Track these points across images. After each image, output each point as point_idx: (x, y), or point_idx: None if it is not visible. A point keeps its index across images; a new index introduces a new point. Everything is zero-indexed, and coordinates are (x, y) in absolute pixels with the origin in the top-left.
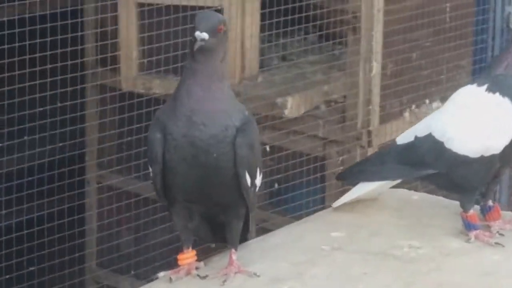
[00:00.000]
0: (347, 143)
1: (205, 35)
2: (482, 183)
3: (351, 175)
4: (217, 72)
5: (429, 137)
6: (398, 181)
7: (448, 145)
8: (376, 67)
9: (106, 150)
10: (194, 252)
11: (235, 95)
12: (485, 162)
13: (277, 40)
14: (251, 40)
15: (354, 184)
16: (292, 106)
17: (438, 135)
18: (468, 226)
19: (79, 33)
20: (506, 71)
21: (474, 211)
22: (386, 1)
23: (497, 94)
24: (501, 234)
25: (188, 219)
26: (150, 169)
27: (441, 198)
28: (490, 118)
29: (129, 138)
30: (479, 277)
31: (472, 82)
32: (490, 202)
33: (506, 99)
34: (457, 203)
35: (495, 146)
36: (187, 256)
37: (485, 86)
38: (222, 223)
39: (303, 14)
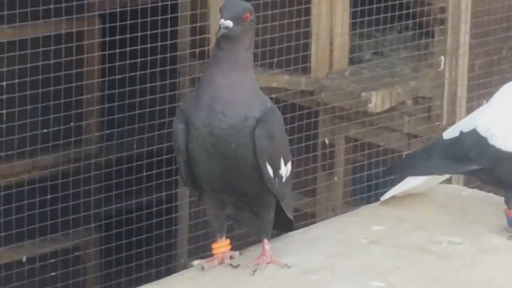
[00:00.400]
0: (432, 139)
1: (229, 23)
2: None
3: (399, 169)
4: (240, 60)
5: (474, 132)
6: (446, 176)
7: (491, 141)
8: (462, 63)
9: None
10: (228, 241)
11: (321, 89)
12: None
13: (371, 35)
14: (341, 38)
15: (402, 178)
16: (377, 101)
17: (482, 131)
18: (511, 223)
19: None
20: None
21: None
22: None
23: None
24: None
25: (219, 208)
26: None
27: (491, 194)
28: None
29: None
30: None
31: None
32: None
33: None
34: None
35: None
36: (221, 245)
37: None
38: (255, 213)
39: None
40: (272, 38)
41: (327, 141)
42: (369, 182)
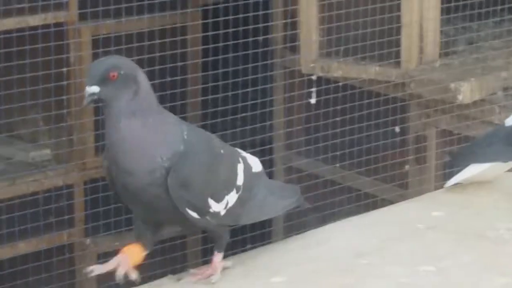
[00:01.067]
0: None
1: (94, 89)
2: None
3: (461, 158)
4: (128, 112)
5: None
6: (511, 164)
7: None
8: None
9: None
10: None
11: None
12: None
13: (464, 29)
14: (432, 23)
15: (464, 166)
16: (467, 92)
17: None
18: None
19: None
20: None
21: None
22: None
23: None
24: None
25: (149, 228)
26: None
27: None
28: None
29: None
30: None
31: None
32: None
33: None
34: None
35: None
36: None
37: None
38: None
39: None
40: (364, 33)
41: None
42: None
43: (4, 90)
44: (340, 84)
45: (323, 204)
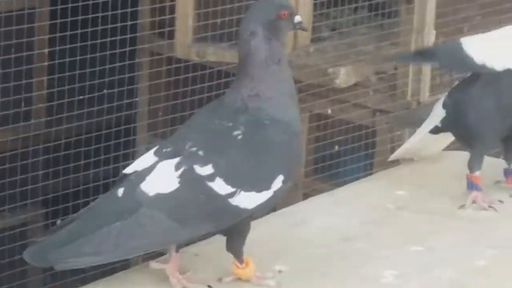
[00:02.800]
0: (394, 112)
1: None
2: (495, 135)
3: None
4: None
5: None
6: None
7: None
8: (428, 38)
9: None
10: None
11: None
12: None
13: (327, 9)
14: (304, 9)
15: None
16: (344, 76)
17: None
18: (471, 186)
19: None
20: None
21: (480, 173)
22: None
23: None
24: (500, 201)
25: None
26: None
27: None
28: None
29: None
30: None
31: None
32: None
33: None
34: None
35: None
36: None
37: None
38: None
39: None
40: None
41: None
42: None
43: None
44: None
45: None
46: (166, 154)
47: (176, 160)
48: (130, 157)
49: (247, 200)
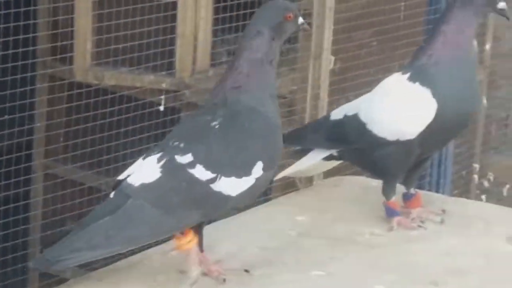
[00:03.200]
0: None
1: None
2: (402, 168)
3: (290, 139)
4: None
5: (355, 117)
6: (336, 161)
7: (369, 126)
8: (327, 63)
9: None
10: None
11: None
12: (401, 146)
13: (226, 35)
14: (204, 34)
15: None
16: None
17: (362, 116)
18: (390, 213)
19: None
20: (429, 60)
21: (396, 198)
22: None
23: (418, 84)
24: (421, 221)
25: None
26: None
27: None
28: (408, 105)
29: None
30: (438, 257)
31: (399, 70)
32: (412, 190)
33: (425, 89)
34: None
35: (410, 132)
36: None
37: (408, 75)
38: None
39: (251, 11)
40: (140, 43)
41: None
42: None
43: None
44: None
45: (87, 211)
46: (152, 154)
47: (159, 154)
48: (31, 183)
49: (229, 186)
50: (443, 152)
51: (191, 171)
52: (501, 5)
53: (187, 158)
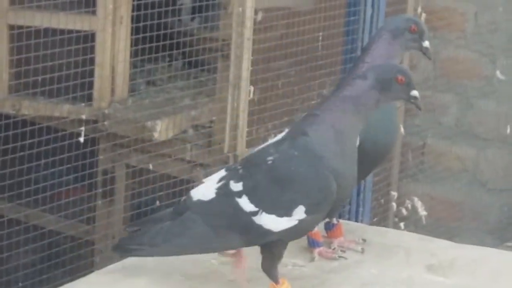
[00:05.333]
0: (214, 166)
1: None
2: None
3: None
4: None
5: None
6: None
7: None
8: (245, 93)
9: None
10: None
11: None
12: None
13: (144, 65)
14: (123, 65)
15: None
16: (161, 130)
17: None
18: (312, 244)
19: None
20: None
21: (318, 229)
22: (255, 30)
23: None
24: (342, 251)
25: None
26: None
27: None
28: None
29: None
30: (359, 287)
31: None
32: (334, 220)
33: None
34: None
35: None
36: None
37: None
38: None
39: (170, 42)
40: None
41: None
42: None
43: None
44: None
45: (7, 245)
46: (229, 168)
47: (223, 174)
48: None
49: (270, 222)
50: (362, 180)
51: (238, 200)
52: (426, 43)
53: (238, 186)
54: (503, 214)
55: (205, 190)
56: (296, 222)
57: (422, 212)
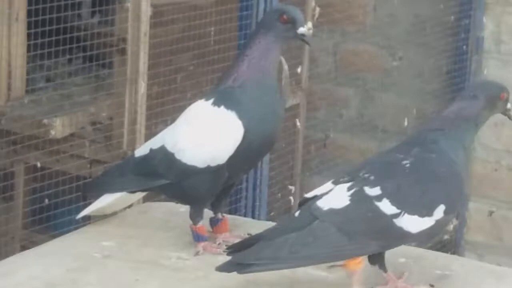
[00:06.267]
0: (112, 162)
1: None
2: (211, 195)
3: (94, 187)
4: None
5: (162, 149)
6: (141, 194)
7: (178, 156)
8: (142, 88)
9: None
10: None
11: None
12: (212, 172)
13: (42, 61)
14: (18, 60)
15: (98, 196)
16: (59, 127)
17: (169, 147)
18: (197, 238)
19: None
20: (234, 83)
21: (203, 223)
22: (152, 24)
23: (222, 107)
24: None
25: None
26: None
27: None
28: (215, 130)
29: None
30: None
31: (202, 97)
32: (219, 215)
33: (231, 112)
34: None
35: (220, 157)
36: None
37: (212, 100)
38: None
39: (68, 36)
40: None
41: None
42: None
43: None
44: None
45: None
46: (342, 181)
47: (350, 183)
48: None
49: (410, 224)
50: (258, 175)
51: (378, 203)
52: (301, 30)
53: (376, 191)
54: None
55: (335, 199)
56: (434, 222)
57: None
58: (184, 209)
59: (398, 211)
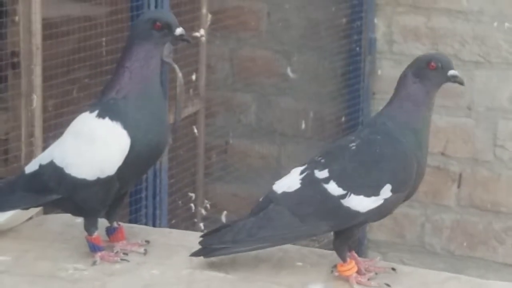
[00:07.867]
0: (9, 175)
1: None
2: (104, 205)
3: None
4: None
5: (51, 164)
6: (35, 210)
7: (67, 170)
8: (36, 101)
9: None
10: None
11: None
12: (102, 183)
13: None
14: None
15: None
16: None
17: (58, 162)
18: (93, 248)
19: None
20: (117, 95)
21: (98, 233)
22: (47, 36)
23: (107, 119)
24: (125, 254)
25: None
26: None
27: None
28: (101, 142)
29: None
30: None
31: (86, 109)
32: (114, 224)
33: (115, 123)
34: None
35: (109, 168)
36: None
37: (96, 112)
38: None
39: None
40: None
41: None
42: None
43: None
44: None
45: None
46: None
47: (304, 167)
48: None
49: (358, 203)
50: (157, 183)
51: (325, 186)
52: (178, 31)
53: (324, 173)
54: None
55: (289, 183)
56: (382, 201)
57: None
58: (80, 220)
59: (345, 192)
